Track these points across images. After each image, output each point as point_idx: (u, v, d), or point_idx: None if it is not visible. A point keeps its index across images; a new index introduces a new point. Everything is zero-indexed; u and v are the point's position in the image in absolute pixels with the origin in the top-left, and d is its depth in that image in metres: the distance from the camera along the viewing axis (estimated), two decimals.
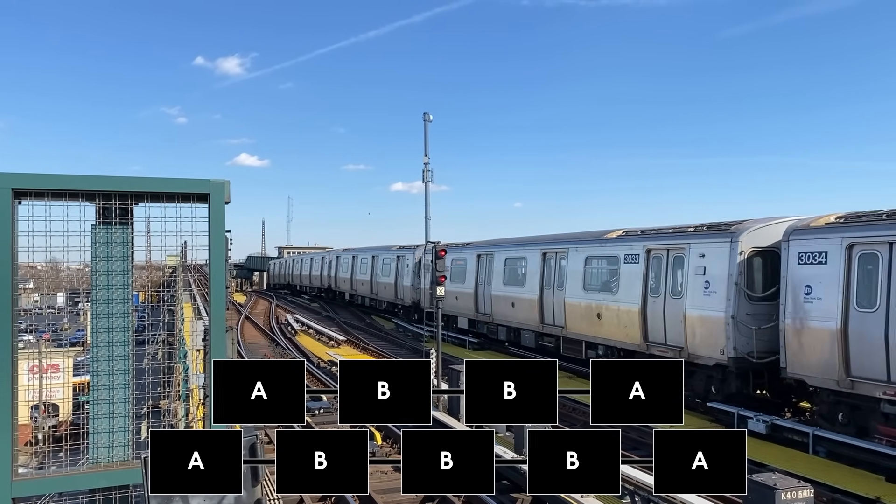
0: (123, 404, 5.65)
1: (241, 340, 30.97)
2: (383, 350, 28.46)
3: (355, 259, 46.62)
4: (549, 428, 2.90)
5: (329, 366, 24.27)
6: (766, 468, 10.93)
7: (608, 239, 20.32)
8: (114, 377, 5.63)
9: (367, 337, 33.30)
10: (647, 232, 19.14)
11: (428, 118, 29.04)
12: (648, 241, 18.45)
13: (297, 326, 36.77)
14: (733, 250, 15.11)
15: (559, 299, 21.77)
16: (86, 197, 5.56)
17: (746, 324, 14.72)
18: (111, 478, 5.42)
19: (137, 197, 5.67)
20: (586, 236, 21.96)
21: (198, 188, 5.60)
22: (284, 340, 32.31)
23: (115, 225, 5.64)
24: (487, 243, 27.99)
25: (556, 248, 22.50)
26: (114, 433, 5.58)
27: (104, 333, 5.64)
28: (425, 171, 29.88)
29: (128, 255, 5.74)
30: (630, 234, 19.75)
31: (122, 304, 5.72)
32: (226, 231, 5.77)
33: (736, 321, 14.81)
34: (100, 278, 5.64)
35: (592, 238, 21.29)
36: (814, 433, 12.91)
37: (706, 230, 16.56)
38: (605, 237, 20.58)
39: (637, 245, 18.61)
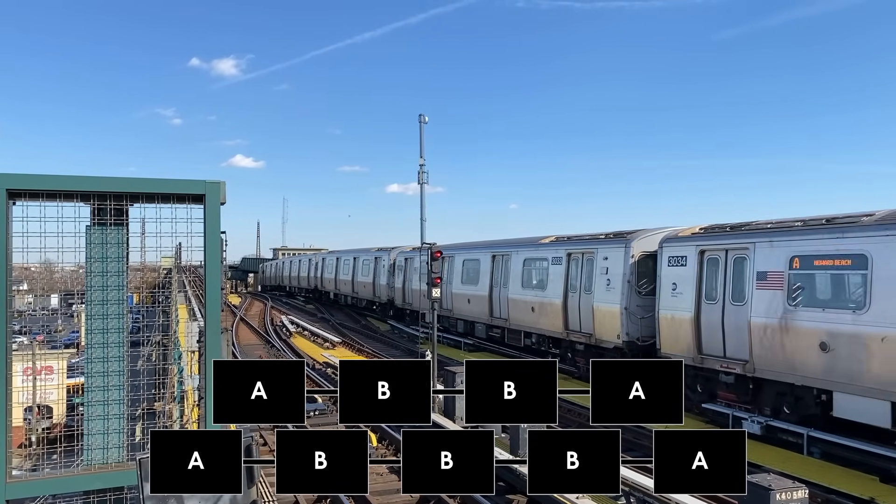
0: (118, 406, 5.62)
1: (235, 342, 30.88)
2: (378, 351, 28.43)
3: (339, 261, 49.75)
4: (545, 428, 2.90)
5: (324, 367, 24.22)
6: (761, 469, 10.94)
7: (542, 244, 23.47)
8: (109, 378, 5.60)
9: (362, 338, 33.26)
10: (571, 238, 22.41)
11: (423, 120, 29.05)
12: (569, 245, 21.75)
13: (291, 328, 36.68)
14: (627, 254, 18.59)
15: (504, 295, 25.09)
16: (81, 198, 5.53)
17: (635, 314, 18.23)
18: (106, 479, 5.40)
19: (133, 198, 5.65)
20: (526, 241, 25.03)
21: (193, 189, 5.58)
22: (279, 342, 32.22)
23: (110, 226, 5.62)
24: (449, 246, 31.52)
25: (503, 251, 25.74)
26: (109, 435, 5.55)
27: (99, 335, 5.62)
28: (420, 173, 29.87)
29: (123, 256, 5.71)
30: (558, 239, 22.99)
31: (118, 305, 5.69)
32: (221, 232, 5.75)
33: (628, 312, 18.33)
34: (95, 279, 5.61)
35: (530, 243, 24.52)
36: (808, 434, 12.95)
37: (611, 237, 19.86)
38: (540, 242, 23.66)
39: (561, 249, 22.01)
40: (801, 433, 13.11)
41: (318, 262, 57.19)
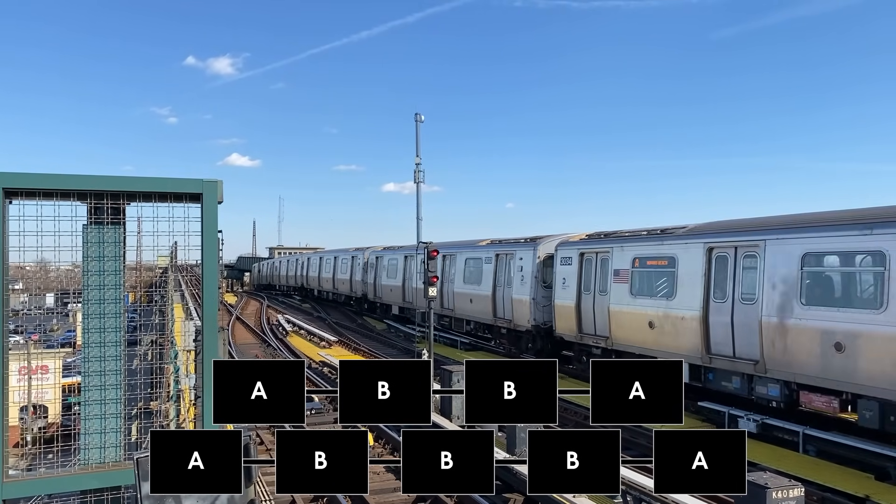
0: (115, 405, 5.60)
1: (232, 341, 30.81)
2: (375, 351, 28.41)
3: (321, 260, 54.91)
4: (542, 427, 2.89)
5: (321, 366, 24.19)
6: (757, 467, 10.97)
7: (479, 246, 27.98)
8: (105, 378, 5.57)
9: (359, 337, 33.24)
10: (500, 241, 26.86)
11: (419, 118, 29.28)
12: (498, 248, 26.21)
13: (288, 327, 36.62)
14: (535, 256, 23.30)
15: (450, 290, 29.64)
16: (77, 196, 5.50)
17: (540, 303, 22.90)
18: (103, 479, 5.37)
19: (129, 197, 5.62)
20: (468, 244, 29.51)
21: (191, 188, 5.56)
22: (276, 341, 32.18)
23: (106, 225, 5.59)
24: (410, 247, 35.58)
25: (451, 251, 29.82)
26: (105, 434, 5.53)
27: (96, 334, 5.59)
28: (417, 172, 29.91)
29: (119, 256, 5.69)
30: (492, 242, 27.41)
31: (114, 304, 5.67)
32: (217, 231, 5.73)
33: (535, 302, 23.04)
34: (91, 278, 5.58)
35: (471, 245, 29.00)
36: (804, 432, 13.00)
37: (526, 241, 24.43)
38: (478, 245, 28.20)
39: (491, 251, 26.44)
40: (796, 431, 13.16)
41: (303, 261, 62.63)
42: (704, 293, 15.44)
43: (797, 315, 13.16)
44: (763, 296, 13.91)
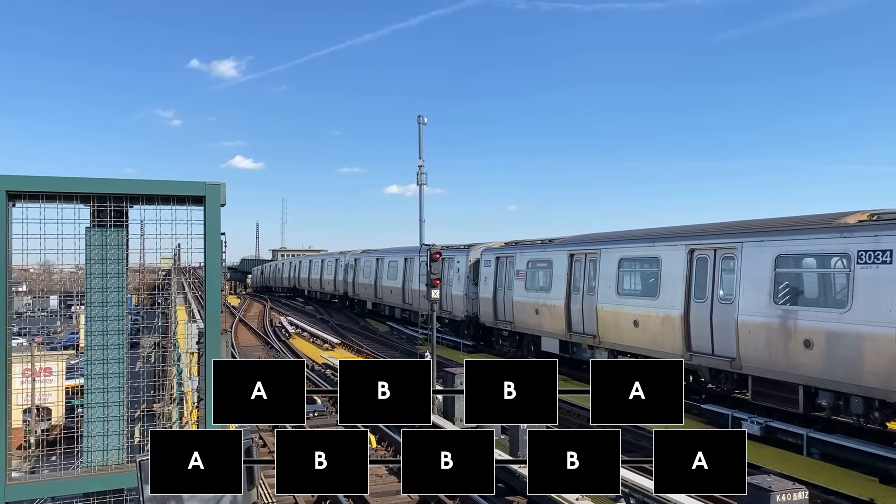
0: (118, 407, 5.61)
1: (235, 343, 30.84)
2: (378, 353, 28.40)
3: (311, 263, 61.75)
4: (544, 428, 2.89)
5: (323, 368, 24.19)
6: (761, 470, 10.93)
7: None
8: (108, 380, 5.59)
9: (362, 340, 33.23)
10: (448, 247, 31.00)
11: (422, 121, 29.53)
12: (445, 252, 29.22)
13: (291, 329, 36.64)
14: (468, 259, 28.52)
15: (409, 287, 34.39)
16: (80, 199, 5.53)
17: (470, 298, 28.09)
18: (106, 481, 5.38)
19: (132, 199, 5.64)
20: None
21: (193, 191, 5.58)
22: (278, 343, 32.19)
23: (109, 227, 5.61)
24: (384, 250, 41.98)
25: (412, 255, 33.74)
26: (108, 436, 5.54)
27: (99, 336, 5.61)
28: (419, 174, 30.00)
29: (123, 258, 5.70)
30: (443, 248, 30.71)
31: (117, 306, 5.69)
32: (220, 234, 5.75)
33: (467, 297, 28.30)
34: (94, 281, 5.60)
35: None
36: (808, 435, 12.96)
37: (463, 248, 29.58)
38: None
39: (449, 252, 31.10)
40: (800, 434, 13.11)
41: (296, 264, 69.48)
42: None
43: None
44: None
